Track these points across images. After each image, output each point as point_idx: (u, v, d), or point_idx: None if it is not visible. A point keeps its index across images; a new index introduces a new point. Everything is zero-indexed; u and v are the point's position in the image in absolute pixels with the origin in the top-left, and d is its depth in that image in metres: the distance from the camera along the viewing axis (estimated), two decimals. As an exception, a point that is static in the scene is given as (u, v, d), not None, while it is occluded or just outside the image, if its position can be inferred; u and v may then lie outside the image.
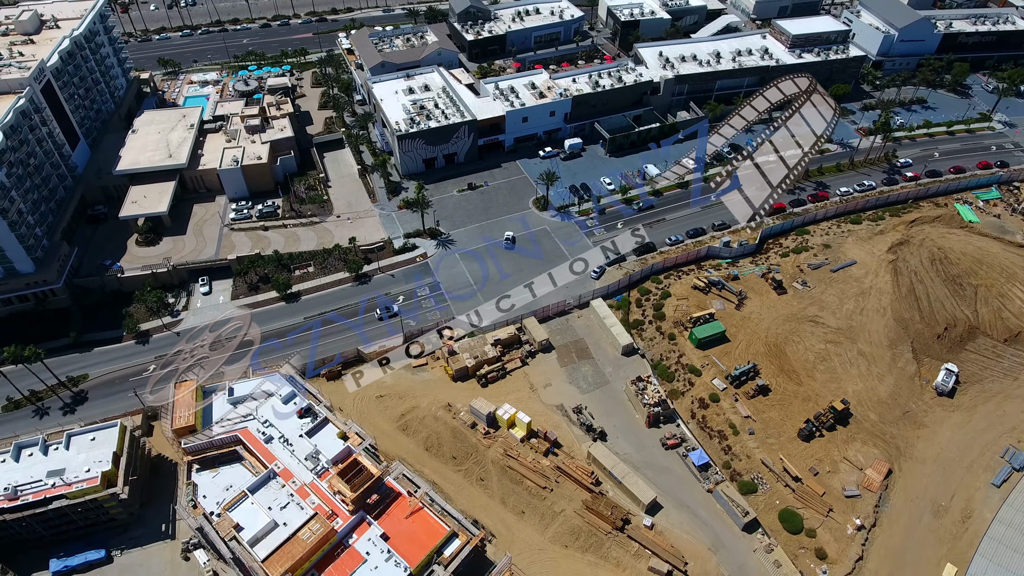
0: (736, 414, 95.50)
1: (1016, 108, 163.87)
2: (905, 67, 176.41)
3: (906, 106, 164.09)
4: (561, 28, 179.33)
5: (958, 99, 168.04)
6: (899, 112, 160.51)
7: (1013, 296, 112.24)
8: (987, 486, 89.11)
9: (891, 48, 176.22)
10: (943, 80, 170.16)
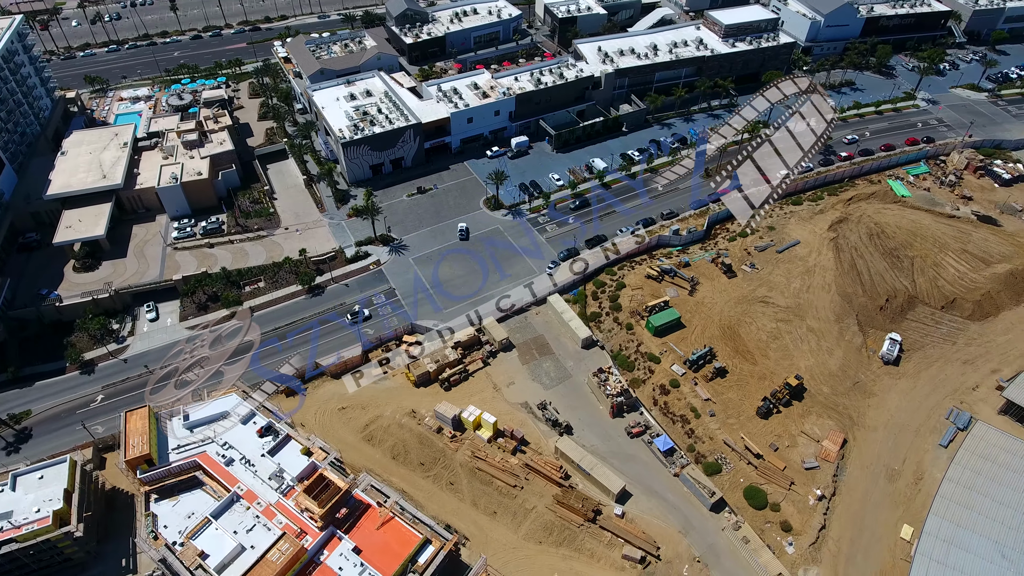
0: (696, 398, 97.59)
1: (937, 86, 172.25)
2: (832, 51, 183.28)
3: (836, 89, 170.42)
4: (500, 27, 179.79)
5: (884, 80, 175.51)
6: (831, 95, 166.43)
7: (946, 265, 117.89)
8: (935, 447, 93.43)
9: (818, 34, 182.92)
10: (868, 62, 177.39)
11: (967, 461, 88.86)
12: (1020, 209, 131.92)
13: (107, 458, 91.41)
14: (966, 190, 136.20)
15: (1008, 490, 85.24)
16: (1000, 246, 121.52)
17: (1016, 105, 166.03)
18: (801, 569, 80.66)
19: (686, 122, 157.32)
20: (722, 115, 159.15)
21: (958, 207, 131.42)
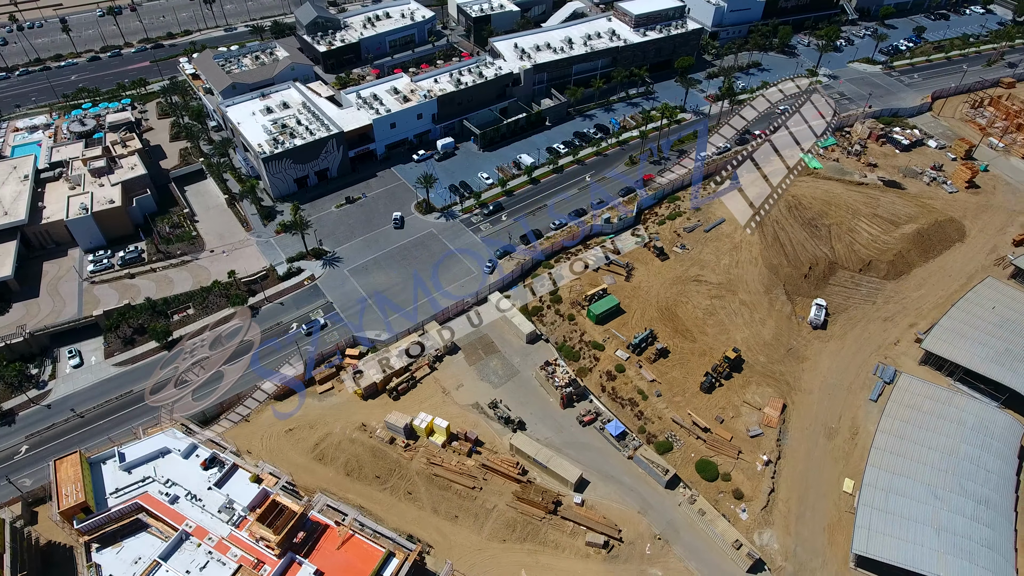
0: (642, 380, 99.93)
1: (836, 61, 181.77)
2: (738, 35, 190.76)
3: (744, 70, 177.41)
4: (414, 30, 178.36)
5: (787, 59, 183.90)
6: (739, 77, 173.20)
7: (860, 230, 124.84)
8: (866, 403, 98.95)
9: (723, 19, 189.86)
10: (772, 43, 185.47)
11: (896, 412, 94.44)
12: (920, 172, 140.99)
13: (39, 512, 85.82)
14: (871, 158, 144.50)
15: (934, 435, 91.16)
16: (906, 208, 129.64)
17: (907, 75, 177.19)
18: (756, 533, 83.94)
19: (607, 112, 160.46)
20: (640, 103, 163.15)
21: (865, 175, 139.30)
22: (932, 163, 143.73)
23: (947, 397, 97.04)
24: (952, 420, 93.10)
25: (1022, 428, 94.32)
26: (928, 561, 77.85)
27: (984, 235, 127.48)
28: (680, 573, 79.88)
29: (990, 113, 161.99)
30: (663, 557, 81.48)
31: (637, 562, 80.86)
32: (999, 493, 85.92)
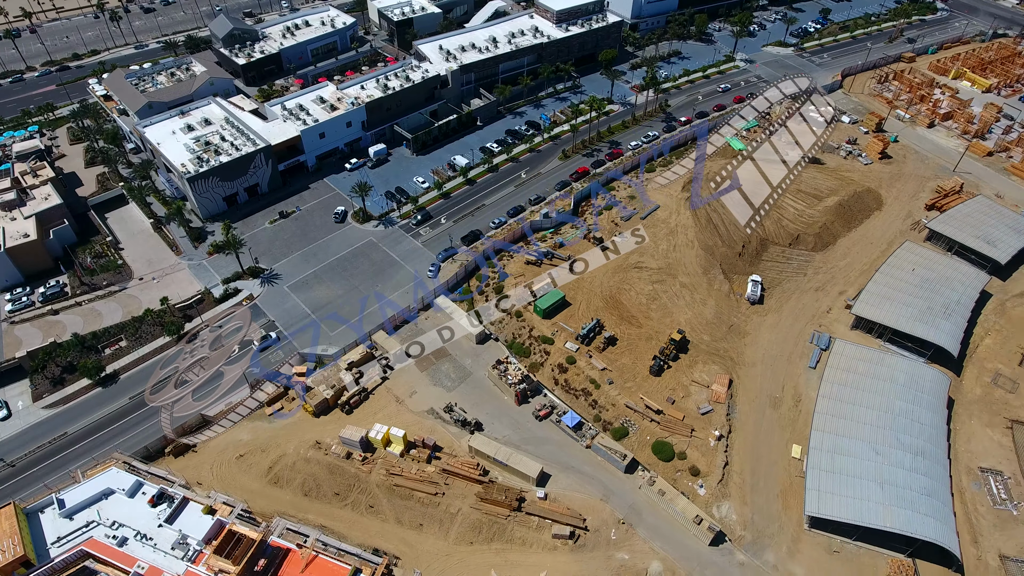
0: (593, 369, 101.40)
1: (751, 46, 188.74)
2: (657, 25, 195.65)
3: (666, 59, 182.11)
4: (336, 37, 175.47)
5: (706, 46, 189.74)
6: (661, 66, 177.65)
7: (786, 206, 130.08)
8: (806, 370, 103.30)
9: (642, 10, 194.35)
10: (689, 32, 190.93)
11: (834, 377, 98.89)
12: (837, 147, 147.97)
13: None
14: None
15: (870, 394, 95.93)
16: (827, 181, 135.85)
17: (817, 56, 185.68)
18: (715, 506, 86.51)
19: (536, 108, 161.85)
20: (568, 97, 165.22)
21: (787, 152, 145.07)
22: (847, 137, 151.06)
23: (879, 358, 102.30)
24: (885, 379, 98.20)
25: (948, 380, 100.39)
26: (875, 514, 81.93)
27: (899, 202, 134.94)
28: (646, 554, 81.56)
29: (895, 87, 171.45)
30: (628, 540, 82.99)
31: (604, 548, 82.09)
32: (933, 443, 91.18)
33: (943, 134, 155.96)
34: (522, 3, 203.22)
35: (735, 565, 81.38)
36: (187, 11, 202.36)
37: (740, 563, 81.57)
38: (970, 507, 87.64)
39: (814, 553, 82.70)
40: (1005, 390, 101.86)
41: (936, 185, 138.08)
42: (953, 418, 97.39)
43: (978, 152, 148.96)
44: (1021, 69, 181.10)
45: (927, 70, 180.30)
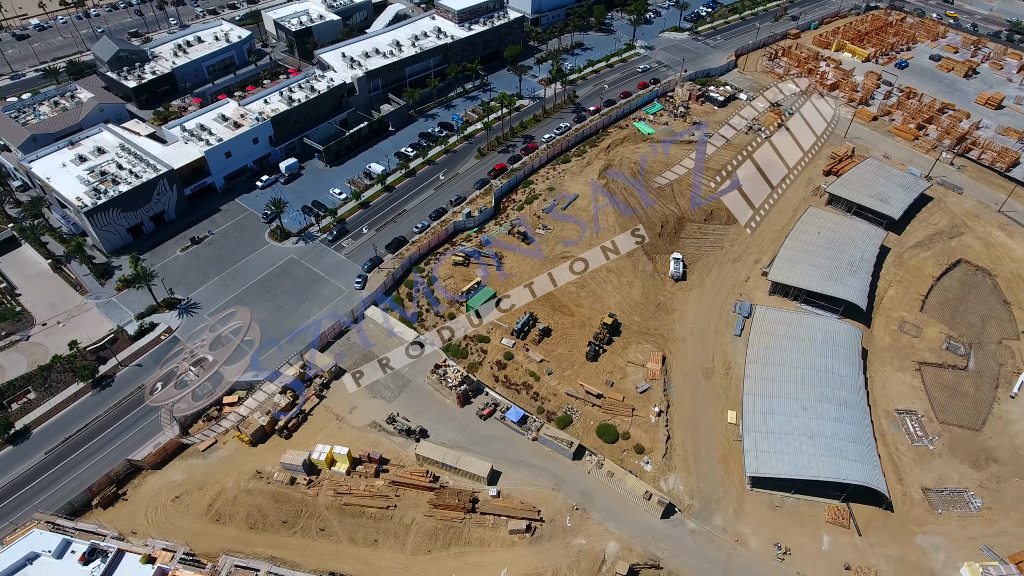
0: (531, 362, 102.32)
1: (649, 33, 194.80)
2: (558, 19, 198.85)
3: (570, 52, 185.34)
4: (232, 52, 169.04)
5: (606, 36, 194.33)
6: (566, 58, 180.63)
7: (698, 183, 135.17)
8: (732, 338, 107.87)
9: (541, 5, 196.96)
10: (590, 23, 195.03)
11: (758, 341, 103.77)
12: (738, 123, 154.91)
13: None
14: (695, 117, 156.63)
15: (792, 354, 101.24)
16: (732, 157, 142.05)
17: (711, 38, 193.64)
18: (662, 480, 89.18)
19: (448, 109, 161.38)
20: (478, 96, 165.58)
21: (693, 133, 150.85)
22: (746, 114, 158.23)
23: (797, 319, 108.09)
24: (804, 338, 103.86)
25: (860, 332, 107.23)
26: (809, 466, 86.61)
27: (799, 170, 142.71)
28: (602, 536, 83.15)
29: (785, 63, 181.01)
30: (584, 525, 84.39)
31: (561, 537, 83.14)
32: (853, 393, 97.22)
33: (832, 104, 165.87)
34: (422, 5, 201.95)
35: (687, 534, 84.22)
36: (65, 35, 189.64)
37: (692, 531, 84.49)
38: (892, 448, 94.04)
39: (758, 511, 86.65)
40: (911, 335, 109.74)
41: (831, 152, 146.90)
42: (868, 367, 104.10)
43: (864, 118, 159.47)
44: (893, 38, 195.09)
45: (811, 45, 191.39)
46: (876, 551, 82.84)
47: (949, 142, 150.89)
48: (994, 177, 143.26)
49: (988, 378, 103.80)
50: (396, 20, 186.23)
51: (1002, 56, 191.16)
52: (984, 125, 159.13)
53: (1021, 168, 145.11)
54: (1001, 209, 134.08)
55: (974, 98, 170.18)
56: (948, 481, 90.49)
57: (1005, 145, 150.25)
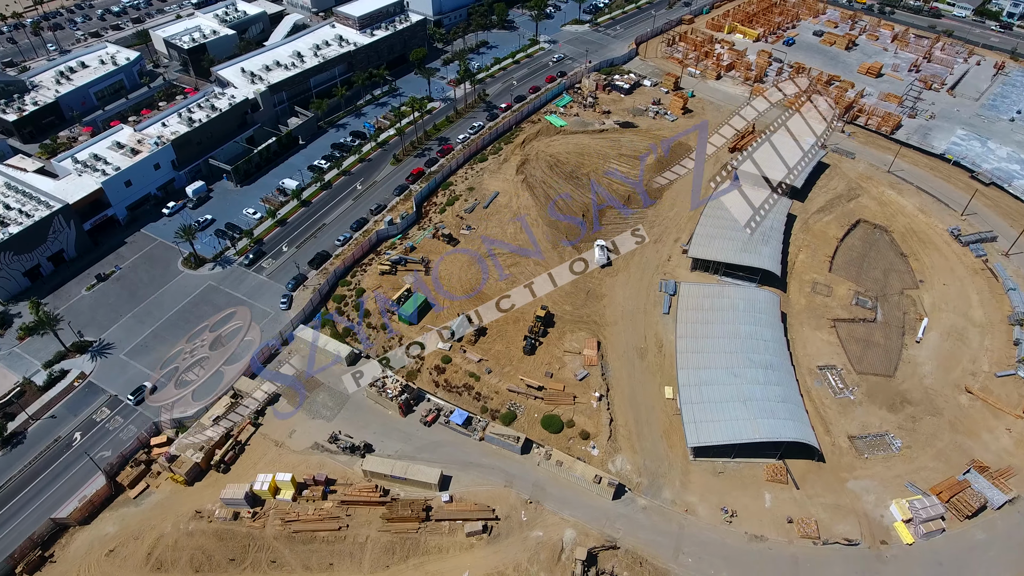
0: (470, 363, 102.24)
1: (551, 27, 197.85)
2: (460, 19, 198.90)
3: (475, 51, 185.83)
4: (122, 75, 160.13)
5: (510, 33, 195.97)
6: (472, 58, 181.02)
7: (613, 170, 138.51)
8: (661, 317, 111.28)
9: (442, 6, 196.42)
10: (492, 21, 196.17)
11: (685, 317, 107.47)
12: (645, 109, 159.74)
13: None
14: (603, 106, 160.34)
15: (718, 325, 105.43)
16: (643, 142, 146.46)
17: (611, 28, 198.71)
18: (609, 463, 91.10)
19: (358, 117, 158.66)
20: (388, 102, 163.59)
21: (603, 122, 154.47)
22: (652, 99, 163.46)
23: (719, 291, 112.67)
24: (728, 308, 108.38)
25: (778, 297, 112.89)
26: (745, 430, 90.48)
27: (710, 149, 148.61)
28: (558, 525, 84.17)
29: (683, 47, 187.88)
30: (539, 517, 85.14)
31: (518, 532, 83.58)
32: (777, 355, 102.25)
33: (729, 83, 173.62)
34: (320, 13, 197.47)
35: (639, 511, 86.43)
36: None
37: (643, 507, 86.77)
38: (817, 402, 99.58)
39: (703, 479, 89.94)
40: (823, 295, 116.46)
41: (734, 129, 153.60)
42: (788, 329, 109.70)
43: (760, 94, 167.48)
44: (779, 17, 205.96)
45: (706, 28, 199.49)
46: (814, 501, 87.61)
47: (838, 111, 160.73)
48: (881, 140, 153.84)
49: (895, 327, 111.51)
50: (295, 31, 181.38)
51: (877, 28, 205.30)
52: (868, 93, 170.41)
53: (904, 130, 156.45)
54: (890, 169, 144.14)
55: (856, 68, 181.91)
56: (870, 427, 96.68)
57: (887, 110, 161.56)
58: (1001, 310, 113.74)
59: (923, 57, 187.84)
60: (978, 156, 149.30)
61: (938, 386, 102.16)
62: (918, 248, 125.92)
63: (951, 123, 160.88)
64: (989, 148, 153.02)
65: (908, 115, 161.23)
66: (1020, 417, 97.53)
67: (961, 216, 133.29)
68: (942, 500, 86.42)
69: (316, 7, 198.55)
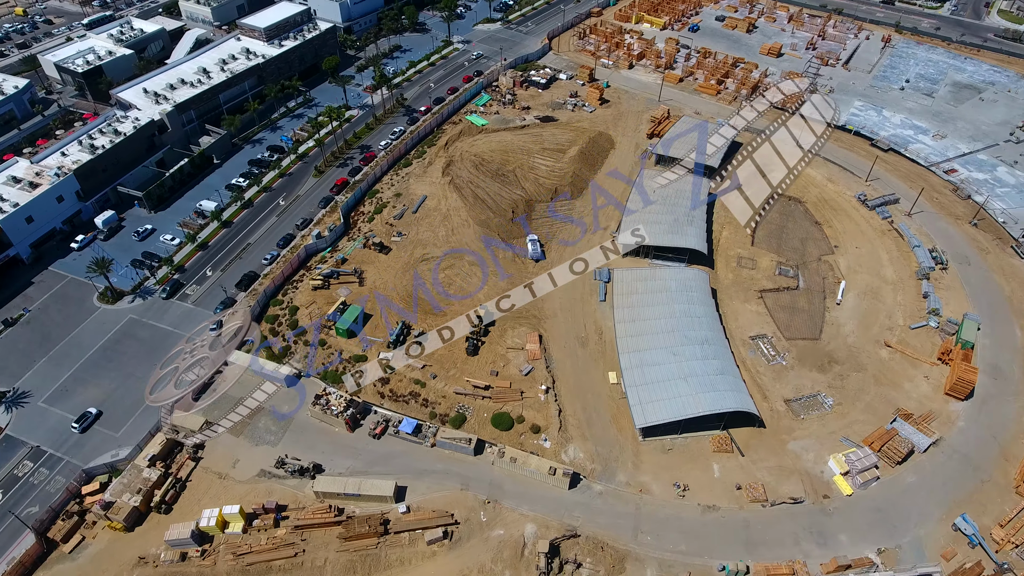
0: (414, 370, 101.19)
1: (464, 27, 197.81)
2: (370, 24, 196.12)
3: (389, 55, 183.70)
4: (11, 104, 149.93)
5: (423, 35, 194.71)
6: (387, 62, 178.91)
7: (538, 165, 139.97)
8: (599, 304, 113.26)
9: (351, 12, 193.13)
10: (403, 24, 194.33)
11: (622, 302, 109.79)
12: (563, 103, 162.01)
13: None
14: (523, 102, 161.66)
15: (654, 307, 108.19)
16: (564, 135, 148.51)
17: (523, 25, 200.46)
18: (562, 453, 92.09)
19: (274, 131, 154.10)
20: (304, 113, 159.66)
21: (524, 118, 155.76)
22: (569, 92, 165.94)
23: (651, 274, 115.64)
24: (661, 290, 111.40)
25: (707, 275, 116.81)
26: (689, 405, 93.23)
27: (627, 137, 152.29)
28: (518, 521, 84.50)
29: (594, 39, 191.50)
30: (499, 516, 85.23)
31: (479, 533, 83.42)
32: (712, 330, 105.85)
33: (642, 72, 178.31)
34: (224, 27, 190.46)
35: (596, 496, 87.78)
36: None
37: (599, 493, 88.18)
38: (753, 371, 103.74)
39: (654, 458, 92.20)
40: (748, 269, 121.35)
41: (649, 116, 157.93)
42: (719, 304, 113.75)
43: (672, 81, 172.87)
44: (682, 5, 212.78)
45: (614, 20, 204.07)
46: (759, 466, 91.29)
47: (746, 92, 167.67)
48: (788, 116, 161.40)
49: (816, 292, 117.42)
50: (198, 46, 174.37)
51: (773, 9, 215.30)
52: (771, 72, 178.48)
53: (808, 106, 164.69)
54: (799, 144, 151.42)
55: (758, 50, 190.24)
56: (803, 389, 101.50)
57: (791, 87, 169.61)
58: (909, 267, 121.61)
59: (818, 35, 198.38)
60: (875, 124, 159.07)
61: (860, 343, 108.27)
62: (830, 215, 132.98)
63: (849, 95, 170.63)
64: (884, 116, 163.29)
65: (810, 91, 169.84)
66: (935, 364, 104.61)
67: (866, 182, 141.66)
68: (874, 450, 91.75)
69: (218, 20, 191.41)
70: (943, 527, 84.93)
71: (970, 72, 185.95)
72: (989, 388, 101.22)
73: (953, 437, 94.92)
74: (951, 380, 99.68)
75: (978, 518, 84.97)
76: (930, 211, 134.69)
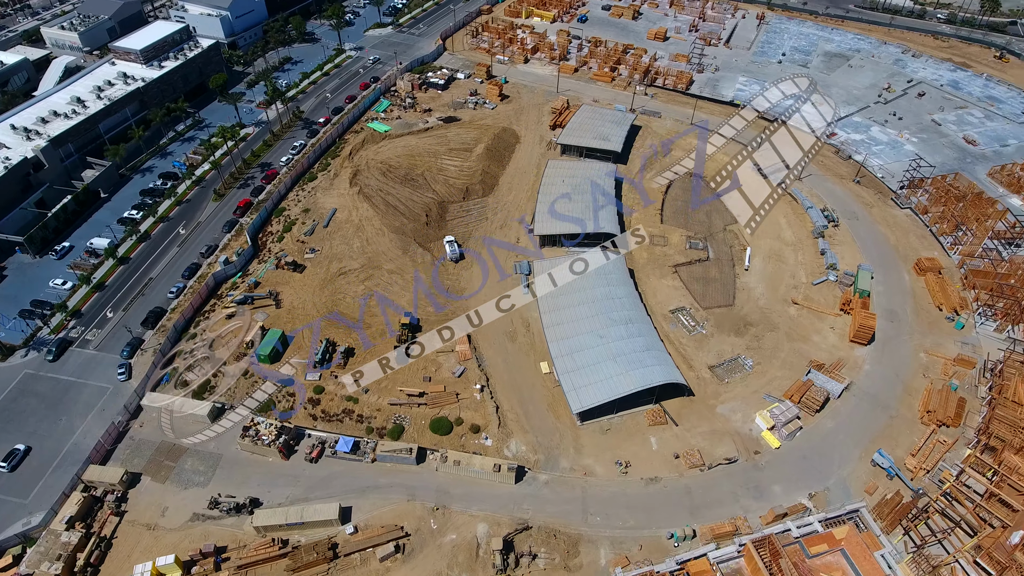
0: (344, 388, 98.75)
1: (354, 35, 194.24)
2: (256, 38, 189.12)
3: (280, 68, 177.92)
4: None
5: (313, 45, 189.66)
6: (279, 75, 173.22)
7: (446, 167, 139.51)
8: (524, 296, 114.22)
9: (233, 26, 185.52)
10: (291, 36, 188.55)
11: (544, 292, 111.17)
12: (464, 102, 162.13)
13: None
14: (423, 105, 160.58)
15: (576, 293, 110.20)
16: (469, 134, 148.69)
17: (415, 28, 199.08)
18: (505, 449, 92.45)
19: (164, 158, 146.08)
20: (195, 135, 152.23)
21: (427, 120, 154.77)
22: (469, 91, 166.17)
23: (569, 262, 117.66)
24: (581, 276, 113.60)
25: (623, 257, 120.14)
26: (620, 385, 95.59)
27: (530, 131, 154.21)
28: (469, 523, 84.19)
29: (487, 37, 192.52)
30: (449, 521, 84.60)
31: (432, 542, 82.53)
32: (634, 309, 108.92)
33: (538, 65, 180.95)
34: (95, 52, 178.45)
35: (543, 487, 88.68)
36: None
37: (545, 482, 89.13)
38: (676, 343, 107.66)
39: (593, 440, 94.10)
40: (661, 246, 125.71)
41: (550, 107, 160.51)
42: (638, 283, 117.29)
43: (567, 71, 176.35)
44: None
45: (505, 16, 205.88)
46: (693, 433, 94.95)
47: (638, 77, 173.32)
48: (680, 97, 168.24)
49: (725, 261, 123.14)
50: (68, 74, 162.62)
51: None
52: (660, 56, 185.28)
53: (696, 85, 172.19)
54: (692, 122, 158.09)
55: (645, 35, 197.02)
56: (724, 354, 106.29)
57: (679, 69, 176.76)
58: (805, 227, 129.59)
59: (699, 17, 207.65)
60: (760, 97, 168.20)
61: (770, 304, 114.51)
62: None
63: (733, 72, 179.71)
64: (767, 89, 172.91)
65: (697, 71, 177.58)
66: (838, 315, 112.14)
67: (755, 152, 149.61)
68: (794, 402, 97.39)
69: (87, 45, 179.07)
70: (863, 464, 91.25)
71: (837, 42, 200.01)
72: (887, 331, 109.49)
73: (861, 380, 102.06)
74: (854, 328, 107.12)
75: (892, 451, 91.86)
76: (818, 174, 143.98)
